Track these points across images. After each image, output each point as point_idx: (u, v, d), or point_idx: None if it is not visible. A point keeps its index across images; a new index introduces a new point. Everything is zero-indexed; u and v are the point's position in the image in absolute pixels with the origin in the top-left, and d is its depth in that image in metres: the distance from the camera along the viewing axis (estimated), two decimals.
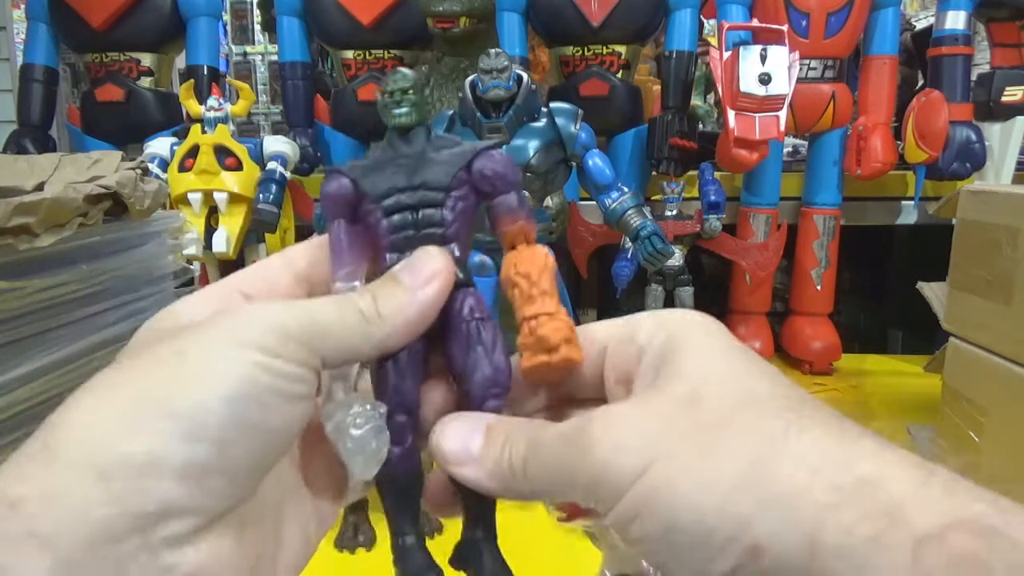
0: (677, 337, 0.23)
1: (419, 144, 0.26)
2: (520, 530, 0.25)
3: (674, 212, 0.91)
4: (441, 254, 0.24)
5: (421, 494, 0.25)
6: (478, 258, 0.63)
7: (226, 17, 3.13)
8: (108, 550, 0.18)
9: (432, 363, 0.26)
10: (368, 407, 0.24)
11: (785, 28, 0.86)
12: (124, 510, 0.18)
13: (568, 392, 0.26)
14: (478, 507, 0.25)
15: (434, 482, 0.26)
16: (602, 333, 0.25)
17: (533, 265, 0.25)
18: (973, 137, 0.97)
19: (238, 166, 0.88)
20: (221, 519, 0.20)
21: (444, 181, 0.25)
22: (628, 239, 0.68)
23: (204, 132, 0.88)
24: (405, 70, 0.26)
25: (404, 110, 0.25)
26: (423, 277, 0.24)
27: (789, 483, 0.18)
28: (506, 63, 0.58)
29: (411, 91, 0.25)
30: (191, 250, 0.86)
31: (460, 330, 0.25)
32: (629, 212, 0.64)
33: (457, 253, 0.25)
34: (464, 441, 0.23)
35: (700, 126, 1.17)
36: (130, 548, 0.18)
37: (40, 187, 0.46)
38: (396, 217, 0.25)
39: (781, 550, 0.18)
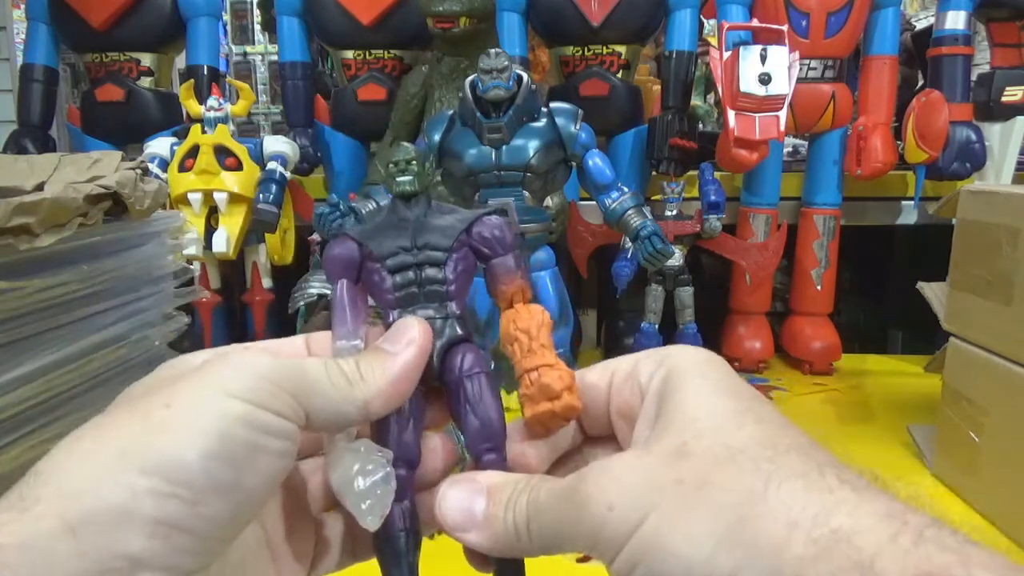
0: (674, 378, 0.23)
1: (420, 210, 0.28)
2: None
3: (674, 212, 0.91)
4: (418, 323, 0.26)
5: (417, 557, 0.26)
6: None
7: (226, 17, 3.13)
8: None
9: (432, 418, 0.27)
10: (377, 454, 0.24)
11: (785, 28, 0.86)
12: (92, 564, 0.18)
13: (589, 436, 0.27)
14: (510, 565, 0.26)
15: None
16: (605, 375, 0.26)
17: (532, 321, 0.27)
18: (973, 137, 0.97)
19: (238, 166, 0.88)
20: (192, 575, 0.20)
21: (446, 243, 0.27)
22: (628, 239, 0.68)
23: (204, 132, 0.88)
24: (408, 145, 0.28)
25: (407, 179, 0.27)
26: (402, 343, 0.25)
27: (770, 537, 0.19)
28: (506, 63, 0.58)
29: (413, 162, 0.27)
30: (191, 250, 0.86)
31: (456, 386, 0.26)
32: (629, 212, 0.64)
33: (457, 311, 0.27)
34: (467, 507, 0.24)
35: (700, 126, 1.17)
36: None
37: (40, 187, 0.46)
38: (400, 276, 0.27)
39: None
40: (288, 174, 0.91)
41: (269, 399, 0.21)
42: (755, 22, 0.93)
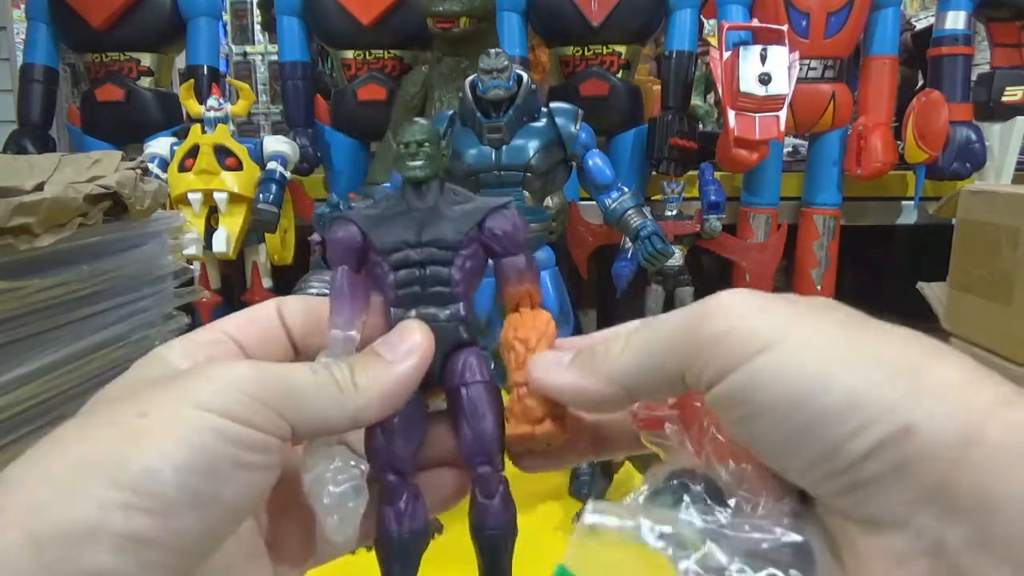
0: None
1: (432, 198, 0.25)
2: None
3: (674, 212, 0.91)
4: (420, 328, 0.24)
5: (418, 560, 0.25)
6: None
7: (226, 17, 3.13)
8: None
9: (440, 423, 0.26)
10: (351, 463, 0.23)
11: (785, 28, 0.86)
12: None
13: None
14: (500, 563, 0.25)
15: None
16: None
17: (533, 331, 0.25)
18: (973, 137, 0.97)
19: (238, 166, 0.88)
20: None
21: (454, 239, 0.25)
22: (628, 239, 0.68)
23: (204, 132, 0.88)
24: (422, 121, 0.25)
25: (419, 163, 0.25)
26: (402, 351, 0.23)
27: (949, 378, 0.17)
28: (506, 63, 0.58)
29: (427, 143, 0.25)
30: (191, 250, 0.86)
31: (455, 393, 0.25)
32: (629, 212, 0.64)
33: (463, 313, 0.25)
34: (555, 360, 0.23)
35: (700, 126, 1.17)
36: None
37: (40, 187, 0.46)
38: (403, 272, 0.25)
39: (936, 435, 0.17)
40: (288, 174, 0.91)
41: (250, 414, 0.20)
42: (755, 22, 0.93)
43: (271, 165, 0.90)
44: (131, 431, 0.19)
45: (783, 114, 0.85)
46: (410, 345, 0.23)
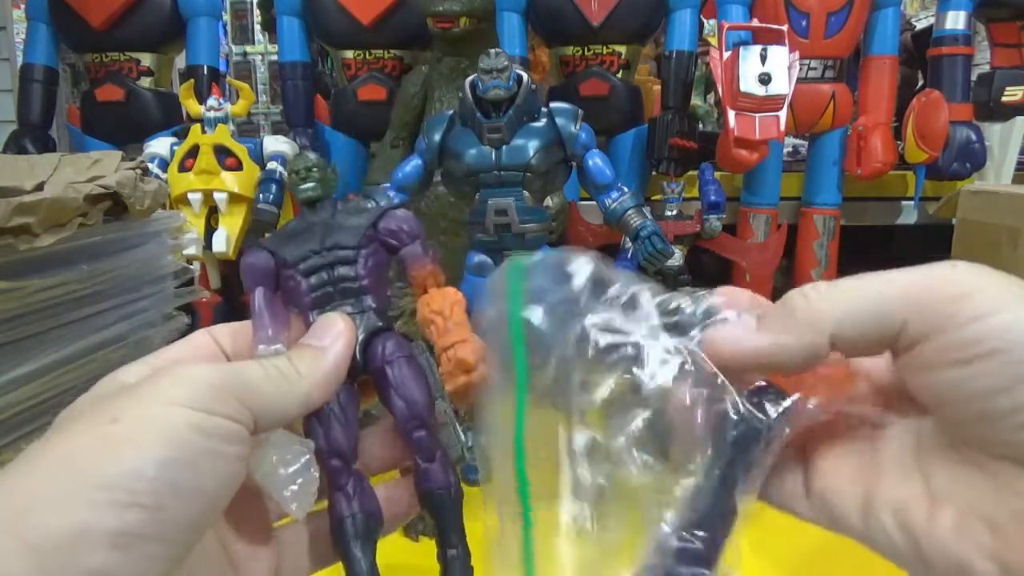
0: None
1: (327, 213, 0.29)
2: None
3: (674, 212, 0.91)
4: (340, 316, 0.27)
5: (375, 540, 0.26)
6: (478, 259, 0.63)
7: (226, 17, 3.13)
8: None
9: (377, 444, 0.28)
10: (296, 445, 0.25)
11: (785, 28, 0.86)
12: None
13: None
14: (449, 522, 0.27)
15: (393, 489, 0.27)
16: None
17: (445, 302, 0.28)
18: (973, 137, 0.97)
19: (238, 166, 0.88)
20: None
21: (354, 240, 0.28)
22: (628, 239, 0.67)
23: (204, 132, 0.88)
24: (308, 153, 0.29)
25: (310, 185, 0.29)
26: (329, 337, 0.26)
27: None
28: (506, 63, 0.58)
29: (315, 169, 0.29)
30: (191, 250, 0.86)
31: (380, 373, 0.27)
32: (629, 212, 0.64)
33: (373, 304, 0.28)
34: (737, 326, 0.23)
35: (700, 126, 1.17)
36: None
37: (40, 187, 0.46)
38: (314, 278, 0.28)
39: None
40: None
41: (218, 405, 0.21)
42: (755, 22, 0.93)
43: (271, 165, 0.90)
44: (107, 436, 0.20)
45: (783, 114, 0.85)
46: (335, 331, 0.26)
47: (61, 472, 0.19)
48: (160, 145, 0.90)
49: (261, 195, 0.88)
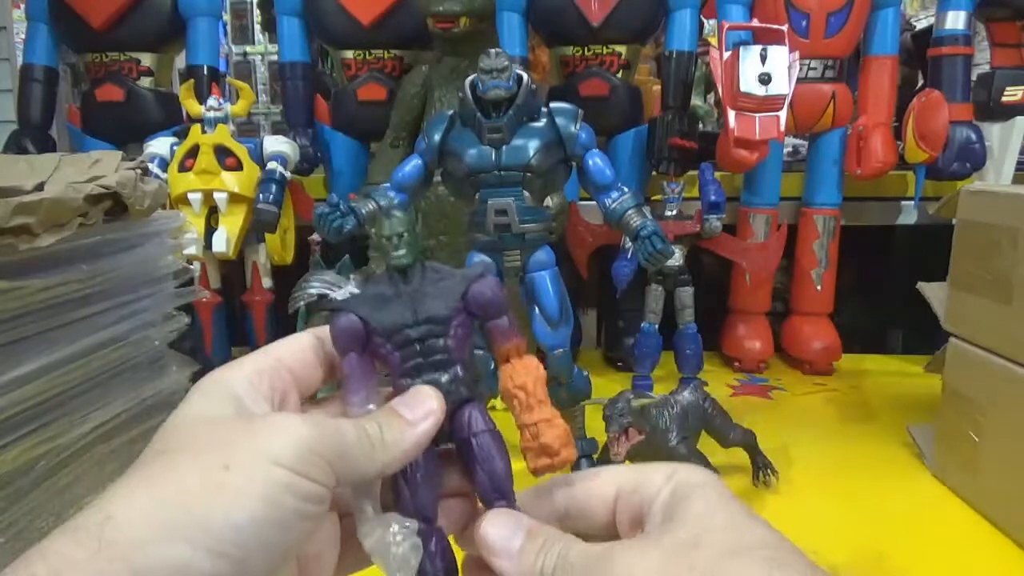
0: (685, 489, 0.26)
1: (416, 280, 0.29)
2: None
3: (674, 212, 0.91)
4: (434, 395, 0.28)
5: None
6: (478, 259, 0.62)
7: (226, 17, 3.13)
8: None
9: (451, 476, 0.30)
10: (407, 524, 0.27)
11: (785, 28, 0.86)
12: None
13: (582, 532, 0.28)
14: None
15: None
16: (612, 482, 0.28)
17: (528, 376, 0.29)
18: (973, 137, 0.97)
19: (238, 166, 0.88)
20: None
21: (444, 314, 0.28)
22: (628, 239, 0.67)
23: (204, 132, 0.88)
24: (399, 214, 0.29)
25: (402, 252, 0.28)
26: (420, 414, 0.27)
27: None
28: (506, 63, 0.58)
29: (406, 234, 0.29)
30: (191, 250, 0.86)
31: (465, 444, 0.29)
32: (629, 212, 0.64)
33: (461, 374, 0.29)
34: (508, 537, 0.27)
35: (700, 126, 1.17)
36: None
37: (40, 187, 0.46)
38: (406, 350, 0.28)
39: None
40: (288, 174, 0.91)
41: (310, 468, 0.23)
42: (755, 22, 0.92)
43: (271, 165, 0.89)
44: (217, 483, 0.22)
45: (783, 114, 0.85)
46: (427, 409, 0.28)
47: (172, 509, 0.22)
48: (160, 145, 0.90)
49: (261, 195, 0.88)
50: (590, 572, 0.25)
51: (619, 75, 1.01)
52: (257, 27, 3.20)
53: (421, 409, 0.27)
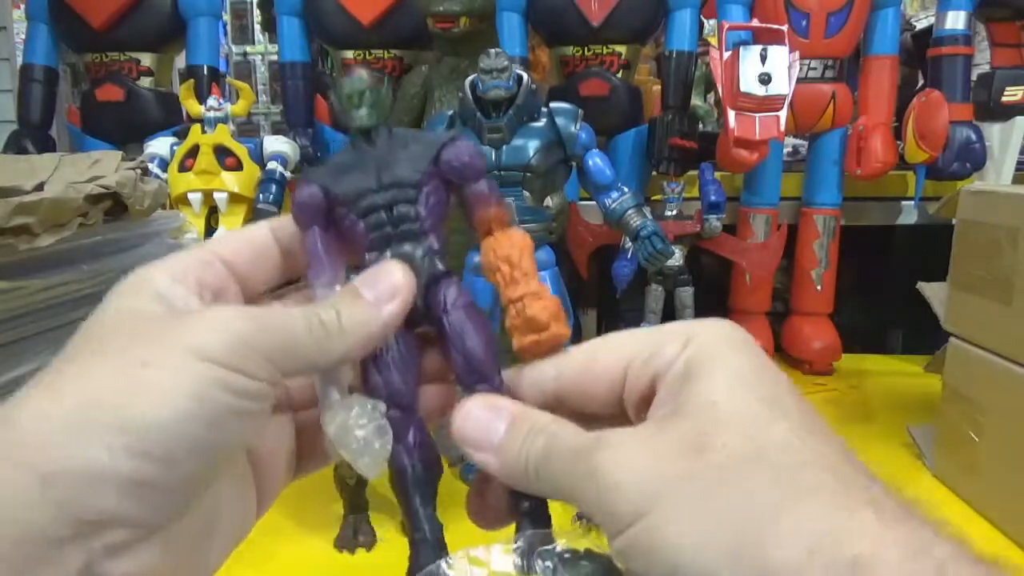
0: (699, 362, 0.22)
1: (383, 143, 0.26)
2: None
3: (674, 212, 0.91)
4: (400, 268, 0.25)
5: (434, 490, 0.26)
6: (478, 259, 0.63)
7: (226, 17, 3.13)
8: (44, 553, 0.18)
9: (431, 358, 0.27)
10: (369, 407, 0.24)
11: (785, 28, 0.86)
12: (63, 517, 0.18)
13: (588, 411, 0.25)
14: (536, 511, 0.25)
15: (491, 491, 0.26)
16: (621, 354, 0.24)
17: (512, 247, 0.26)
18: (973, 137, 0.97)
19: (238, 166, 0.88)
20: (159, 530, 0.20)
21: (414, 177, 0.25)
22: (628, 239, 0.68)
23: (204, 132, 0.88)
24: (361, 71, 0.26)
25: (364, 112, 0.26)
26: (384, 293, 0.24)
27: (785, 563, 0.17)
28: (506, 63, 0.58)
29: (369, 92, 0.26)
30: None
31: (441, 323, 0.25)
32: (629, 212, 0.64)
33: (435, 246, 0.26)
34: (487, 428, 0.23)
35: (700, 126, 1.17)
36: (67, 554, 0.18)
37: (40, 187, 0.46)
38: (371, 218, 0.25)
39: None
40: (288, 174, 0.91)
41: (245, 362, 0.21)
42: (755, 22, 0.92)
43: (271, 165, 0.89)
44: (135, 380, 0.20)
45: (783, 114, 0.85)
46: (392, 286, 0.24)
47: (85, 409, 0.19)
48: (160, 145, 0.90)
49: (261, 195, 0.88)
50: (574, 471, 0.21)
51: (619, 75, 1.01)
52: (257, 27, 3.20)
53: (385, 286, 0.24)
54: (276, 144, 0.91)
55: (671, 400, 0.22)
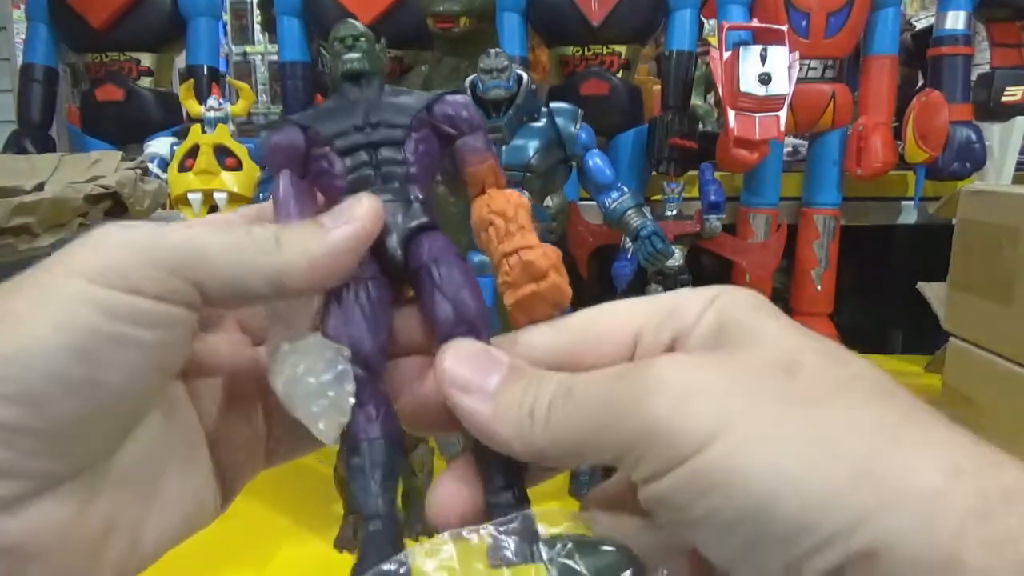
0: (734, 313, 0.19)
1: (373, 91, 0.24)
2: None
3: (674, 212, 0.91)
4: (371, 200, 0.21)
5: (395, 477, 0.21)
6: (478, 259, 0.62)
7: (226, 17, 3.13)
8: None
9: (408, 321, 0.23)
10: (329, 353, 0.20)
11: (785, 28, 0.86)
12: None
13: None
14: (507, 467, 0.21)
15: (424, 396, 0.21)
16: (630, 321, 0.21)
17: (508, 203, 0.23)
18: (973, 137, 0.97)
19: (238, 166, 0.88)
20: (61, 484, 0.18)
21: (404, 120, 0.23)
22: (628, 239, 0.68)
23: (204, 132, 0.88)
24: (356, 22, 0.25)
25: (356, 55, 0.24)
26: (344, 217, 0.21)
27: (922, 480, 0.15)
28: (506, 63, 0.58)
29: (362, 38, 0.24)
30: None
31: (421, 275, 0.22)
32: (629, 212, 0.64)
33: (420, 195, 0.23)
34: (479, 371, 0.20)
35: (700, 126, 1.17)
36: None
37: (40, 187, 0.46)
38: (351, 158, 0.23)
39: (905, 559, 0.14)
40: None
41: (139, 281, 0.18)
42: (755, 22, 0.93)
43: None
44: (2, 314, 0.17)
45: (783, 114, 0.85)
46: (355, 212, 0.21)
47: None
48: (160, 145, 0.90)
49: (261, 195, 0.87)
50: (614, 400, 0.17)
51: (619, 75, 1.01)
52: (257, 27, 3.20)
53: (346, 214, 0.21)
54: None
55: (714, 343, 0.19)
